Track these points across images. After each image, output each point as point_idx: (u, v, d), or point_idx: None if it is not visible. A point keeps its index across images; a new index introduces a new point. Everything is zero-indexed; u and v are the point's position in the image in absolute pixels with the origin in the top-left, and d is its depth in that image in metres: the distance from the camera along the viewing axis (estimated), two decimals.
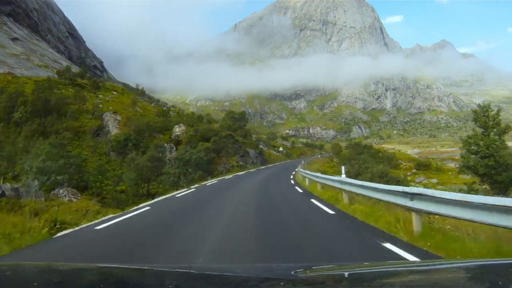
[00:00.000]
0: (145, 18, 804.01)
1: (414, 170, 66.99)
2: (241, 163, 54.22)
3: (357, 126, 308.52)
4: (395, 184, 16.16)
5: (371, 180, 19.77)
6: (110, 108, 54.98)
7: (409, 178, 50.22)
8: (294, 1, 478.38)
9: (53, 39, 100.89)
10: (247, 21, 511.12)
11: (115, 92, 67.61)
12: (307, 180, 22.76)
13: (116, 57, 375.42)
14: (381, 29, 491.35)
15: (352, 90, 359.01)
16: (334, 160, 74.81)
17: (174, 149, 48.09)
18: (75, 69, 72.37)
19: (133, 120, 49.87)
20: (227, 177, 37.84)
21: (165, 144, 48.58)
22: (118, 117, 51.54)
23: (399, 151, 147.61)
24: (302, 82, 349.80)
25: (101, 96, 61.92)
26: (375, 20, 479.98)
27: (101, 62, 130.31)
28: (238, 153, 55.82)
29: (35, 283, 1.83)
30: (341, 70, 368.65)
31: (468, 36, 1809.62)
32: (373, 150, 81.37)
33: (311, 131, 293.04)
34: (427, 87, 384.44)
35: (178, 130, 52.92)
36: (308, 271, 2.18)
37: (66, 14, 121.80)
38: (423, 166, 70.04)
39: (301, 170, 27.94)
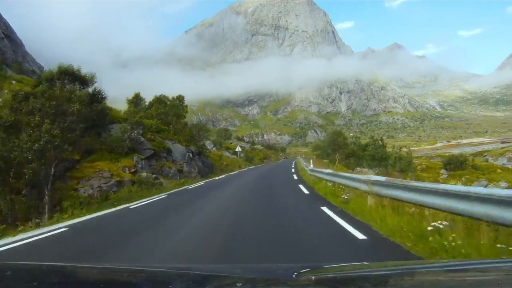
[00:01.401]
0: (88, 22, 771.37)
1: (443, 171, 50.23)
2: (145, 173, 21.11)
3: (312, 130, 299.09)
4: None
5: None
6: None
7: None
8: (245, 6, 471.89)
9: None
10: (197, 27, 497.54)
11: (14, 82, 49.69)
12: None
13: (61, 63, 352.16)
14: (333, 32, 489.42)
15: (306, 94, 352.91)
16: (336, 162, 53.27)
17: None
18: None
19: None
20: None
21: None
22: None
23: None
24: (255, 88, 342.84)
25: None
26: (327, 24, 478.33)
27: (41, 68, 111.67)
28: (141, 151, 24.11)
29: (35, 283, 1.82)
30: (294, 74, 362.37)
31: (419, 40, 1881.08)
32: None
33: (265, 137, 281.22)
34: (381, 89, 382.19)
35: None
36: (308, 272, 2.15)
37: (4, 16, 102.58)
38: (456, 164, 51.67)
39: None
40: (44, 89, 16.71)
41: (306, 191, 15.71)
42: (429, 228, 5.99)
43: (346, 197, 11.36)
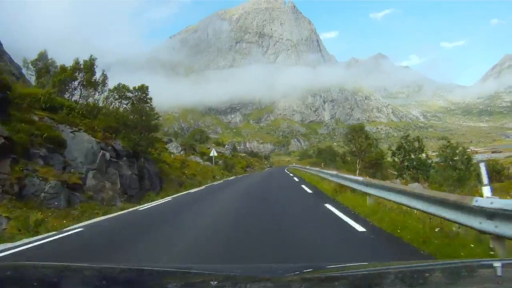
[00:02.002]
0: (70, 23, 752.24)
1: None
2: None
3: (295, 139, 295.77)
4: None
5: None
6: None
7: None
8: (230, 13, 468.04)
9: None
10: (182, 33, 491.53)
11: None
12: None
13: (41, 66, 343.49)
14: (318, 41, 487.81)
15: (289, 103, 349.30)
16: (356, 171, 37.47)
17: None
18: None
19: None
20: None
21: None
22: None
23: None
24: (238, 96, 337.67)
25: None
26: (312, 32, 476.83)
27: (18, 68, 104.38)
28: None
29: (35, 283, 1.82)
30: (278, 82, 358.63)
31: (402, 50, 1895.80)
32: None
33: (248, 145, 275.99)
34: (365, 99, 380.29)
35: None
36: (308, 272, 2.17)
37: None
38: (491, 175, 43.62)
39: None
40: None
41: None
42: None
43: None
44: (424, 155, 38.29)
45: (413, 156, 36.21)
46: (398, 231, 7.64)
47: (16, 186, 12.09)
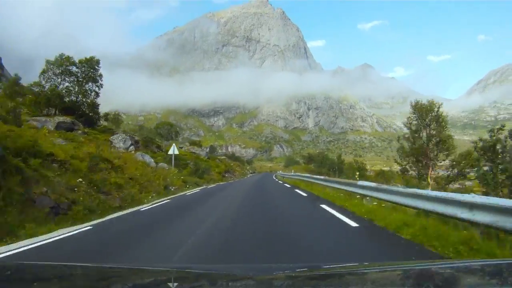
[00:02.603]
0: (55, 15, 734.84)
1: None
2: None
3: (278, 145, 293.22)
4: None
5: None
6: None
7: None
8: (218, 16, 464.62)
9: None
10: (169, 34, 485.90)
11: None
12: None
13: (26, 59, 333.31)
14: (305, 48, 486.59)
15: (273, 108, 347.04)
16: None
17: None
18: None
19: None
20: None
21: None
22: None
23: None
24: (222, 99, 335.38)
25: None
26: (300, 39, 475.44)
27: None
28: None
29: (35, 283, 1.83)
30: (263, 87, 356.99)
31: (389, 62, 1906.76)
32: None
33: (229, 149, 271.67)
34: (350, 107, 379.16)
35: None
36: (307, 272, 2.20)
37: None
38: None
39: None
40: None
41: None
42: None
43: None
44: None
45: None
46: None
47: None
